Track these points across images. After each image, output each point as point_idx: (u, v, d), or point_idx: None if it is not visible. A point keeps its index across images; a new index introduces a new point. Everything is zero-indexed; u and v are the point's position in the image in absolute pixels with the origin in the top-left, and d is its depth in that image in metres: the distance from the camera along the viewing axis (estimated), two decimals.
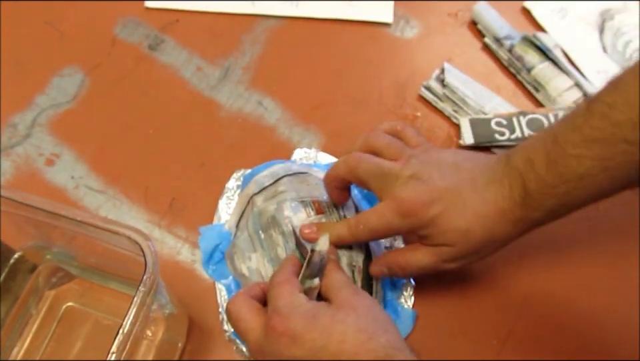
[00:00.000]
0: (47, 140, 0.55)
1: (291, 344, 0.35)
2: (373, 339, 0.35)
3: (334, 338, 0.35)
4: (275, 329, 0.36)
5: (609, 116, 0.35)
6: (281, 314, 0.36)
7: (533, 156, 0.39)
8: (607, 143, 0.36)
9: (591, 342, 0.47)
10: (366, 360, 0.34)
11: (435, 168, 0.41)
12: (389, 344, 0.35)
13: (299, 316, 0.36)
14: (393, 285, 0.48)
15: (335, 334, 0.35)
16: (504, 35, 0.59)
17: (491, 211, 0.40)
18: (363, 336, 0.35)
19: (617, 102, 0.35)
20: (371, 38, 0.62)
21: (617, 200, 0.52)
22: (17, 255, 0.46)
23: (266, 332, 0.36)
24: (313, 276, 0.40)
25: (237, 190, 0.52)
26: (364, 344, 0.34)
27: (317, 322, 0.35)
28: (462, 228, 0.40)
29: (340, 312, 0.36)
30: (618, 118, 0.35)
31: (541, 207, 0.39)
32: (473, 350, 0.46)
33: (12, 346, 0.45)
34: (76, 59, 0.59)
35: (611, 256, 0.50)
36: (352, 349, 0.34)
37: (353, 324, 0.35)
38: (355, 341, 0.35)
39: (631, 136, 0.35)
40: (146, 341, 0.44)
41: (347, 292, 0.38)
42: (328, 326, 0.35)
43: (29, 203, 0.36)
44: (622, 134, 0.35)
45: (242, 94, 0.58)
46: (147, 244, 0.35)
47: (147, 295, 0.34)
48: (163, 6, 0.62)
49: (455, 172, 0.41)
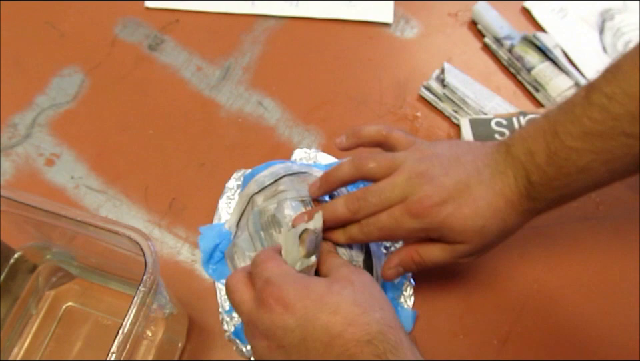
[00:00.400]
0: (47, 140, 0.55)
1: (284, 311, 0.34)
2: (367, 313, 0.34)
3: (327, 307, 0.34)
4: (267, 298, 0.35)
5: (608, 108, 0.35)
6: (273, 283, 0.35)
7: (533, 148, 0.39)
8: (606, 136, 0.36)
9: (591, 341, 0.47)
10: (357, 332, 0.33)
11: (435, 164, 0.41)
12: (384, 321, 0.34)
13: (292, 283, 0.35)
14: (393, 285, 0.48)
15: (329, 304, 0.34)
16: (504, 35, 0.59)
17: (501, 204, 0.40)
18: (357, 309, 0.34)
19: (616, 93, 0.35)
20: (371, 38, 0.62)
21: (617, 200, 0.53)
22: (17, 255, 0.46)
23: (258, 303, 0.35)
24: (310, 255, 0.39)
25: (237, 190, 0.52)
26: (357, 317, 0.33)
27: (310, 291, 0.35)
28: (477, 226, 0.40)
29: (336, 285, 0.35)
30: (617, 110, 0.35)
31: (544, 199, 0.39)
32: (473, 350, 0.46)
33: (12, 346, 0.45)
34: (76, 59, 0.59)
35: (611, 256, 0.50)
36: (344, 320, 0.33)
37: (348, 296, 0.34)
38: (348, 313, 0.33)
39: (630, 129, 0.35)
40: (146, 341, 0.44)
41: (347, 269, 0.38)
42: (322, 295, 0.34)
43: (29, 203, 0.36)
44: (621, 127, 0.35)
45: (242, 94, 0.58)
46: (147, 244, 0.35)
47: (147, 295, 0.34)
48: (163, 6, 0.62)
49: (457, 166, 0.41)
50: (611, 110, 0.35)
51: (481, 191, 0.40)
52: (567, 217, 0.52)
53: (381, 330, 0.33)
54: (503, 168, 0.40)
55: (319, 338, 0.33)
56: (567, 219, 0.52)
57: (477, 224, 0.40)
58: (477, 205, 0.40)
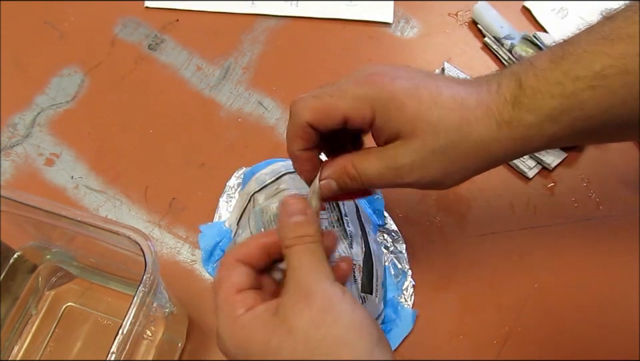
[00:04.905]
0: (47, 140, 0.55)
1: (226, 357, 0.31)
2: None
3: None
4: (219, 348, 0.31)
5: (633, 17, 0.29)
6: (219, 336, 0.31)
7: (533, 60, 0.32)
8: (632, 41, 0.29)
9: (591, 341, 0.47)
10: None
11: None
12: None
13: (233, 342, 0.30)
14: (393, 285, 0.48)
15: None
16: (504, 35, 0.59)
17: (472, 102, 0.32)
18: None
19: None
20: (371, 38, 0.62)
21: (617, 200, 0.53)
22: (17, 255, 0.46)
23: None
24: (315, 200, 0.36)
25: (238, 188, 0.52)
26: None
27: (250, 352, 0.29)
28: (432, 115, 0.31)
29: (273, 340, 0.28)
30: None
31: (538, 108, 0.31)
32: (473, 350, 0.46)
33: (12, 346, 0.45)
34: (76, 59, 0.59)
35: (611, 256, 0.50)
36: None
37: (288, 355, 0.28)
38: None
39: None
40: (146, 341, 0.44)
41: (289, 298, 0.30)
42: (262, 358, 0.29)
43: (29, 203, 0.36)
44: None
45: (242, 94, 0.58)
46: (146, 244, 0.35)
47: (147, 295, 0.34)
48: (163, 6, 0.62)
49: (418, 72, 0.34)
50: (636, 19, 0.29)
51: (449, 83, 0.33)
52: (567, 217, 0.52)
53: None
54: (485, 79, 0.33)
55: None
56: (567, 219, 0.52)
57: (431, 113, 0.31)
58: (439, 92, 0.32)
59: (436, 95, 0.32)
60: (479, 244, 0.51)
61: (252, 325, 0.29)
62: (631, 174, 0.54)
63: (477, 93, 0.32)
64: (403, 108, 0.32)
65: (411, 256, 0.50)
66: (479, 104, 0.32)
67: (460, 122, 0.31)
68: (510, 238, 0.51)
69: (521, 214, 0.52)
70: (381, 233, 0.50)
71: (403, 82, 0.32)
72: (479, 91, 0.32)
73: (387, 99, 0.32)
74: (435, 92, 0.32)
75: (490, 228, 0.51)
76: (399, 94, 0.32)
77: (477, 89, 0.32)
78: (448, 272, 0.49)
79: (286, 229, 0.32)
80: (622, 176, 0.54)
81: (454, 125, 0.31)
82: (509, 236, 0.51)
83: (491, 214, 0.52)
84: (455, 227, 0.51)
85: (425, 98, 0.32)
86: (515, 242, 0.51)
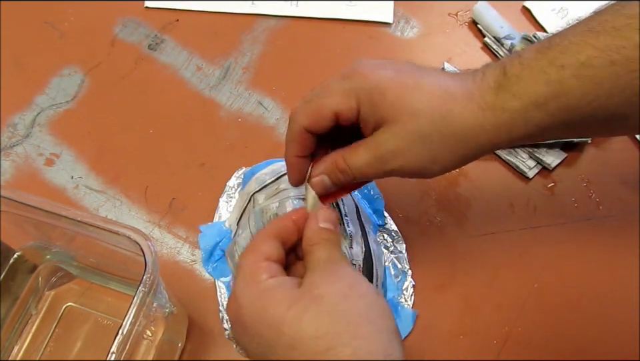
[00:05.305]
0: (47, 140, 0.55)
1: (242, 333, 0.31)
2: (331, 350, 0.27)
3: (282, 340, 0.28)
4: (230, 313, 0.32)
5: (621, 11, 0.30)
6: (235, 297, 0.31)
7: (521, 51, 0.33)
8: (617, 34, 0.29)
9: (591, 342, 0.47)
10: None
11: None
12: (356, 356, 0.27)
13: (249, 303, 0.30)
14: (393, 285, 0.48)
15: (285, 336, 0.28)
16: (504, 35, 0.59)
17: (455, 88, 0.32)
18: (319, 345, 0.27)
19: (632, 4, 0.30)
20: (371, 38, 0.62)
21: (617, 200, 0.53)
22: (17, 255, 0.46)
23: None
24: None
25: (238, 188, 0.52)
26: (318, 356, 0.27)
27: (266, 315, 0.29)
28: (414, 100, 0.32)
29: (298, 304, 0.29)
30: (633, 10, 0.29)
31: (522, 94, 0.31)
32: (473, 350, 0.46)
33: (12, 346, 0.45)
34: (76, 59, 0.59)
35: (611, 256, 0.50)
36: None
37: (310, 324, 0.28)
38: (306, 350, 0.27)
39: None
40: (146, 341, 0.44)
41: (321, 274, 0.31)
42: (278, 323, 0.29)
43: (29, 203, 0.36)
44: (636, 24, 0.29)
45: (242, 94, 0.58)
46: (146, 244, 0.35)
47: (147, 295, 0.34)
48: (163, 6, 0.62)
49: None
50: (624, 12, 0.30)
51: (435, 73, 0.34)
52: (567, 217, 0.52)
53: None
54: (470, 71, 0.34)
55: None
56: (567, 219, 0.52)
57: (412, 96, 0.32)
58: (422, 80, 0.33)
59: (419, 82, 0.33)
60: (479, 244, 0.51)
61: (276, 290, 0.30)
62: (631, 174, 0.54)
63: (462, 81, 0.33)
64: (385, 94, 0.32)
65: (411, 256, 0.50)
66: (463, 92, 0.32)
67: (443, 108, 0.32)
68: (510, 238, 0.51)
69: (521, 214, 0.52)
70: (381, 233, 0.50)
71: (387, 71, 0.33)
72: (464, 79, 0.33)
73: (370, 88, 0.33)
74: (419, 79, 0.33)
75: (490, 228, 0.51)
76: (381, 82, 0.33)
77: (462, 78, 0.33)
78: (448, 272, 0.49)
79: (314, 232, 0.34)
80: (622, 176, 0.54)
81: (436, 110, 0.32)
82: (509, 236, 0.51)
83: (490, 214, 0.52)
84: (454, 227, 0.51)
85: (408, 84, 0.32)
86: (515, 242, 0.51)
